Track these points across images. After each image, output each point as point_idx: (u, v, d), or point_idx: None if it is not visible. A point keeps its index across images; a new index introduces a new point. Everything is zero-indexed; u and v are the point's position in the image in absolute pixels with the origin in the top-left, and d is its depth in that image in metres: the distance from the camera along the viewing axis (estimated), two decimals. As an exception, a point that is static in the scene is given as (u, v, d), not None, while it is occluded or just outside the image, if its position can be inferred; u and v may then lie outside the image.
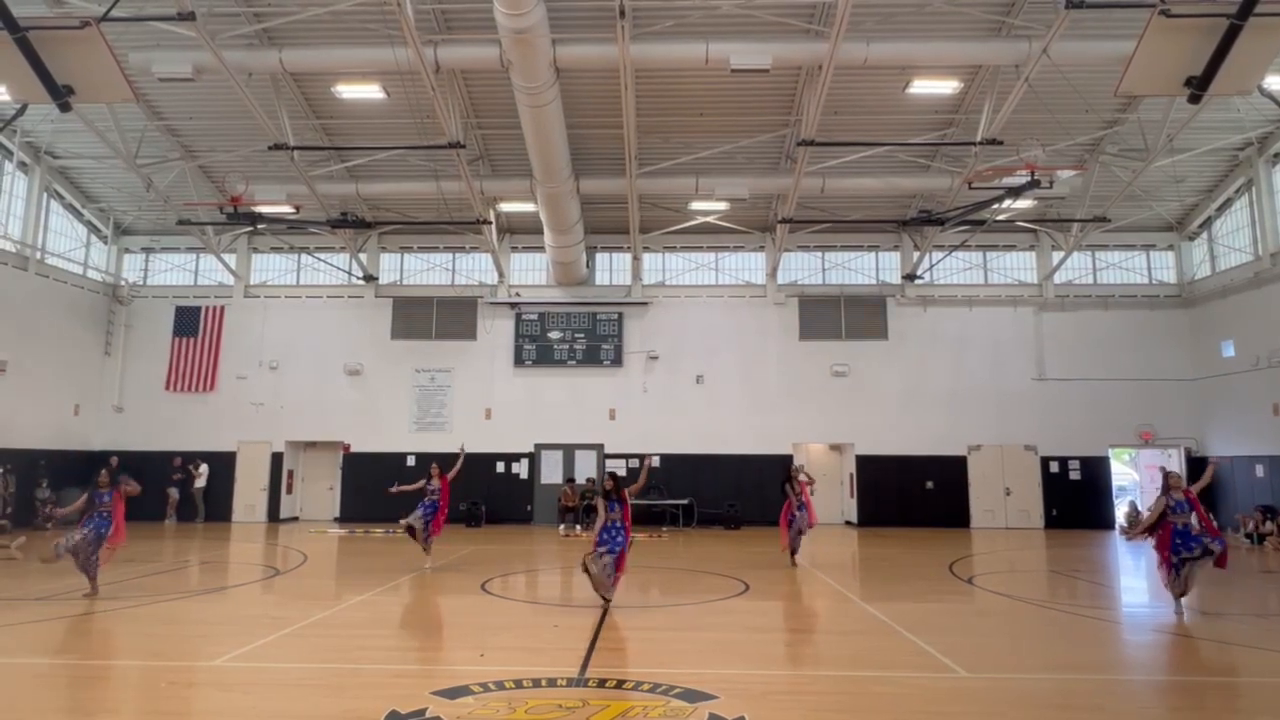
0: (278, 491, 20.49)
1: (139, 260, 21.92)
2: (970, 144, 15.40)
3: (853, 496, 20.18)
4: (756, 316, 20.76)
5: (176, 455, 20.09)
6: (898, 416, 19.98)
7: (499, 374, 20.74)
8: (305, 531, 18.24)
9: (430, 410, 20.64)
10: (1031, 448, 19.86)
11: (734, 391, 20.33)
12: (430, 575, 11.55)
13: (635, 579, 11.53)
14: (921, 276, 20.51)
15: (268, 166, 17.71)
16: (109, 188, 19.94)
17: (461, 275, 21.63)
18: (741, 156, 17.73)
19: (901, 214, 19.46)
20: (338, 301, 21.32)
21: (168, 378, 20.87)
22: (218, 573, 12.44)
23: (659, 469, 20.03)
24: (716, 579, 11.37)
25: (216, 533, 17.86)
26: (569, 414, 20.37)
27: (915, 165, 17.90)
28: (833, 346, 20.49)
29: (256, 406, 20.68)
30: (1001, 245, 21.04)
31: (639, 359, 20.59)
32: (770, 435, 19.94)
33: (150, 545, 15.16)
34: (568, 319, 20.80)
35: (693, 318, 20.78)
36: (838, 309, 20.71)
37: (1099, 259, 20.98)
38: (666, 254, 21.50)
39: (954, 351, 20.31)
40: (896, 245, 21.12)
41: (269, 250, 21.79)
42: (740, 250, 21.44)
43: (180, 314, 21.12)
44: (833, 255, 21.35)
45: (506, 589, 10.71)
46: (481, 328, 20.89)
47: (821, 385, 20.30)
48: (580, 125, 16.47)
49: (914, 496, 19.62)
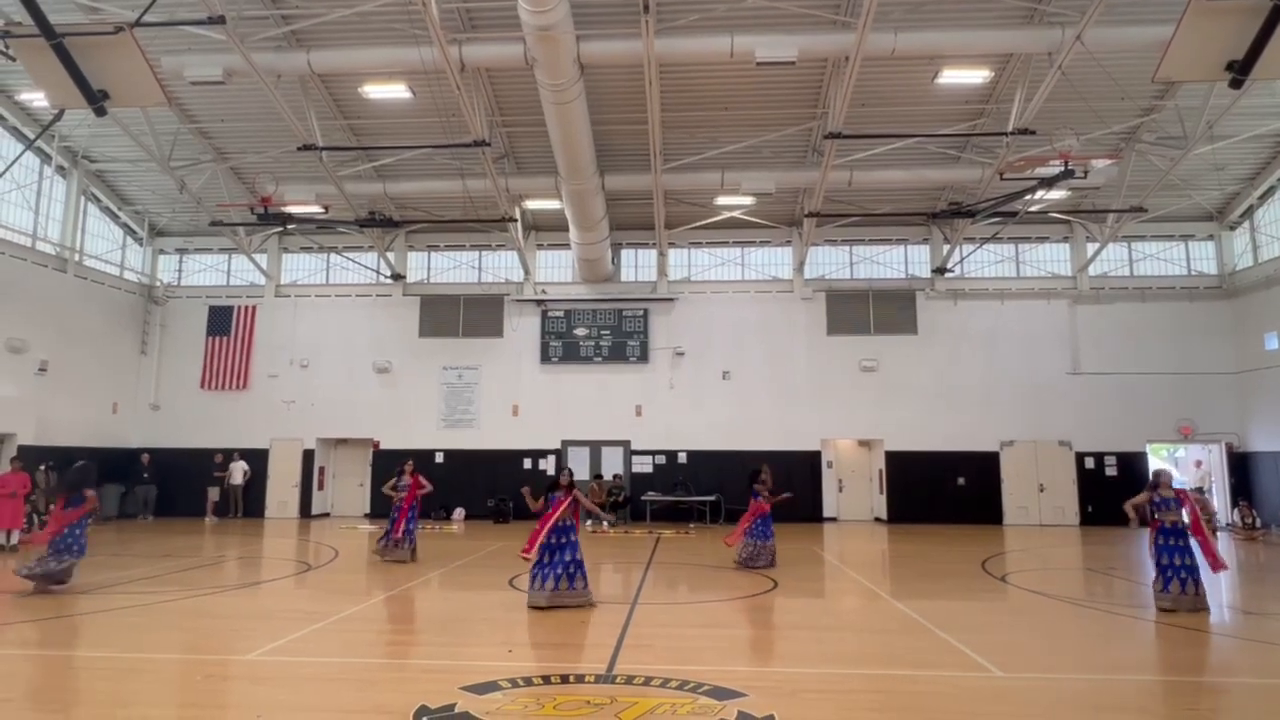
0: (309, 488, 20.77)
1: (173, 261, 22.32)
2: (1002, 134, 15.16)
3: (882, 493, 20.00)
4: (783, 312, 20.64)
5: (218, 452, 20.42)
6: (928, 412, 19.76)
7: (526, 371, 20.83)
8: (336, 528, 18.48)
9: (458, 407, 20.79)
10: (1066, 443, 19.54)
11: (761, 387, 20.24)
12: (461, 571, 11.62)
13: (663, 576, 11.53)
14: (952, 270, 20.26)
15: (297, 167, 17.93)
16: (144, 190, 20.32)
17: (488, 273, 21.74)
18: (767, 150, 17.61)
19: (931, 206, 19.23)
20: (366, 300, 21.54)
21: (202, 376, 21.24)
22: (252, 568, 12.65)
23: (685, 466, 20.02)
24: (744, 576, 11.33)
25: (250, 529, 18.15)
26: (595, 410, 20.40)
27: (945, 157, 17.66)
28: (861, 341, 20.31)
29: (288, 404, 20.98)
30: (1034, 237, 20.71)
31: (665, 355, 20.57)
32: (798, 431, 19.82)
33: (187, 541, 15.46)
34: (594, 316, 20.83)
35: (719, 313, 20.71)
36: (866, 303, 20.53)
37: (1136, 250, 20.56)
38: (692, 250, 21.43)
39: (986, 346, 20.04)
40: (926, 238, 20.88)
41: (299, 250, 22.07)
42: (767, 245, 21.30)
43: (213, 313, 21.48)
44: (861, 249, 21.16)
45: (534, 585, 10.75)
46: (508, 325, 20.99)
47: (850, 380, 20.14)
48: (605, 121, 16.47)
49: (945, 493, 19.41)
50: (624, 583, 10.89)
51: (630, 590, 10.02)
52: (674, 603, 9.50)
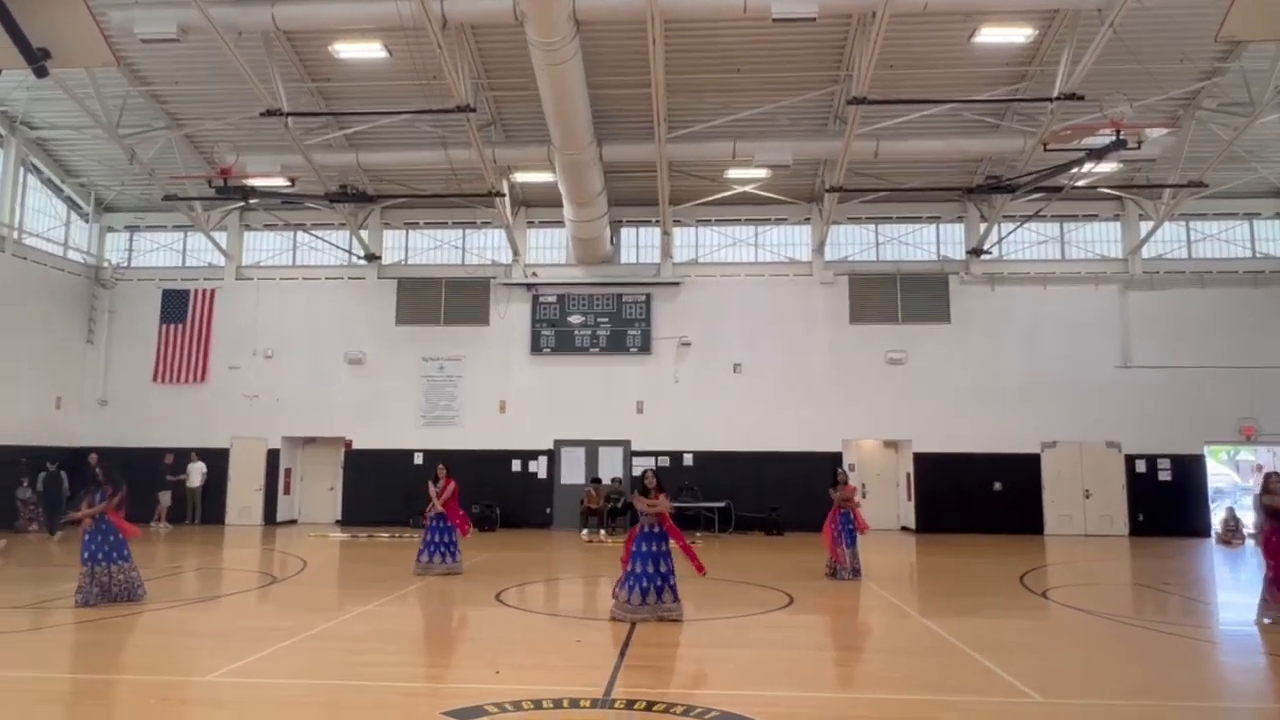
0: (274, 492, 20.84)
1: (122, 240, 22.34)
2: (1046, 100, 15.11)
3: (910, 499, 20.03)
4: (801, 297, 20.62)
5: (168, 452, 20.44)
6: (961, 409, 19.77)
7: (515, 363, 20.85)
8: (304, 535, 18.53)
9: (439, 403, 20.82)
10: (1115, 444, 19.55)
11: (776, 382, 20.25)
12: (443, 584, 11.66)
13: (666, 590, 11.56)
14: (989, 251, 20.23)
15: (260, 135, 17.89)
16: (90, 160, 20.31)
17: (472, 254, 21.73)
18: (784, 118, 17.56)
19: (967, 181, 19.19)
20: (337, 284, 21.55)
21: (155, 368, 21.28)
22: (211, 580, 12.69)
23: (692, 468, 20.04)
24: (757, 590, 11.36)
25: (209, 536, 18.21)
26: (592, 407, 20.43)
27: (982, 125, 17.60)
28: (888, 331, 20.30)
29: (250, 399, 21.02)
30: (1081, 215, 20.66)
31: (670, 346, 20.57)
32: (817, 430, 19.84)
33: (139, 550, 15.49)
34: (590, 302, 20.83)
35: (730, 299, 20.70)
36: (893, 289, 20.50)
37: (1194, 229, 20.51)
38: (700, 228, 21.40)
39: (1026, 336, 20.02)
40: (961, 216, 20.83)
41: (262, 228, 22.06)
42: (783, 223, 21.27)
43: (167, 298, 21.50)
44: (888, 228, 21.11)
45: (524, 600, 10.79)
46: (495, 312, 21.00)
47: (875, 374, 20.14)
48: (603, 85, 16.42)
49: (980, 499, 19.42)
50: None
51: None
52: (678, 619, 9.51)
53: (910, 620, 9.57)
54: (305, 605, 10.29)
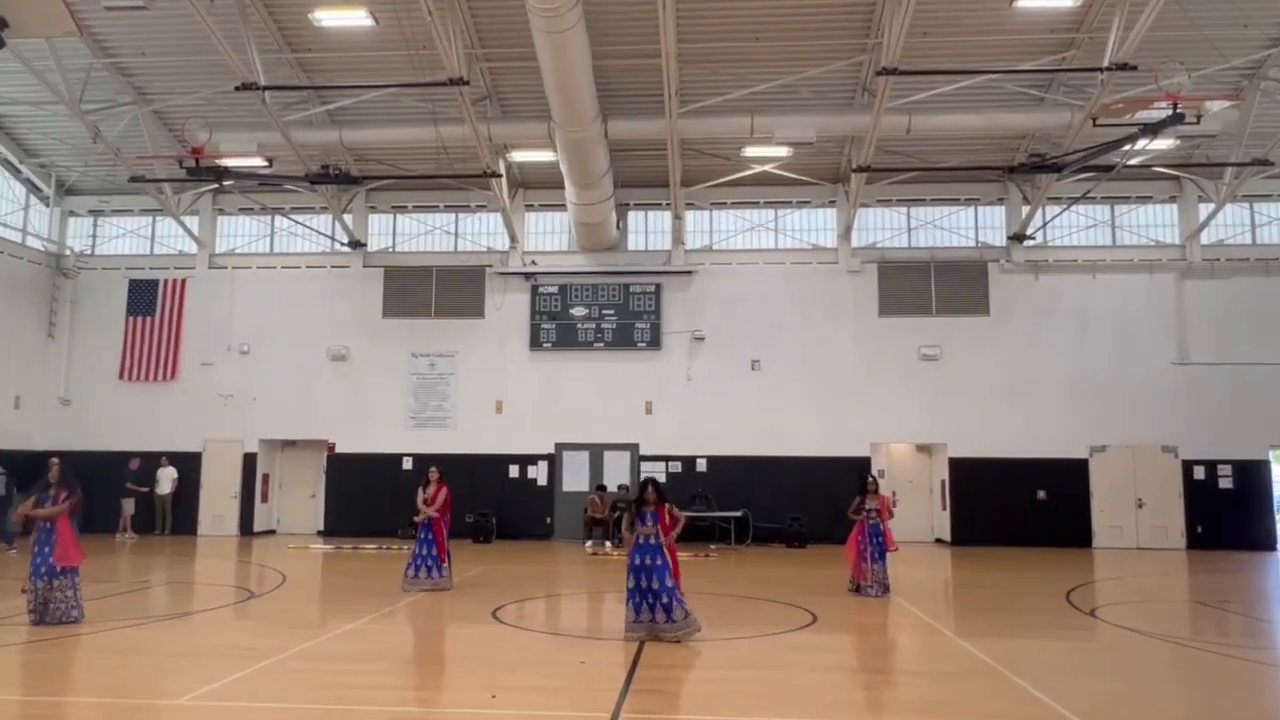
0: (251, 499, 20.93)
1: (86, 225, 22.44)
2: (1095, 70, 15.02)
3: (945, 509, 19.98)
4: (826, 287, 20.58)
5: (134, 456, 20.52)
6: (1001, 410, 19.70)
7: (512, 359, 20.87)
8: (283, 547, 18.58)
9: (430, 403, 20.86)
10: (1170, 449, 19.47)
11: (798, 380, 20.22)
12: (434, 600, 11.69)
13: (678, 607, 11.56)
14: (1033, 236, 20.16)
15: (235, 111, 17.94)
16: (50, 139, 20.37)
17: (466, 240, 21.75)
18: (807, 90, 17.51)
19: (1008, 159, 19.12)
20: (319, 273, 21.60)
21: (121, 364, 21.37)
22: (182, 595, 12.74)
23: (705, 475, 20.03)
24: (777, 608, 11.35)
25: (180, 548, 18.29)
26: (597, 407, 20.44)
27: (1025, 98, 17.52)
28: (920, 324, 20.25)
29: (225, 399, 21.10)
30: (1134, 196, 20.55)
31: (681, 340, 20.56)
32: (843, 433, 19.81)
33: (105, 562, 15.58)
34: (595, 292, 20.83)
35: (747, 289, 20.67)
36: (927, 277, 20.45)
37: (1259, 212, 20.39)
38: (715, 212, 21.36)
39: (1073, 329, 19.95)
40: (1002, 198, 20.76)
41: (237, 212, 22.11)
42: (806, 206, 21.23)
43: (135, 288, 21.59)
44: (921, 211, 21.04)
45: (522, 617, 10.81)
46: (490, 303, 21.02)
47: (906, 372, 20.09)
48: (609, 55, 16.39)
49: (1021, 509, 19.36)
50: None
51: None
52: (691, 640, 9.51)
53: (944, 640, 9.54)
54: (284, 623, 10.32)
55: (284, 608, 11.50)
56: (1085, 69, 15.59)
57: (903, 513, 19.18)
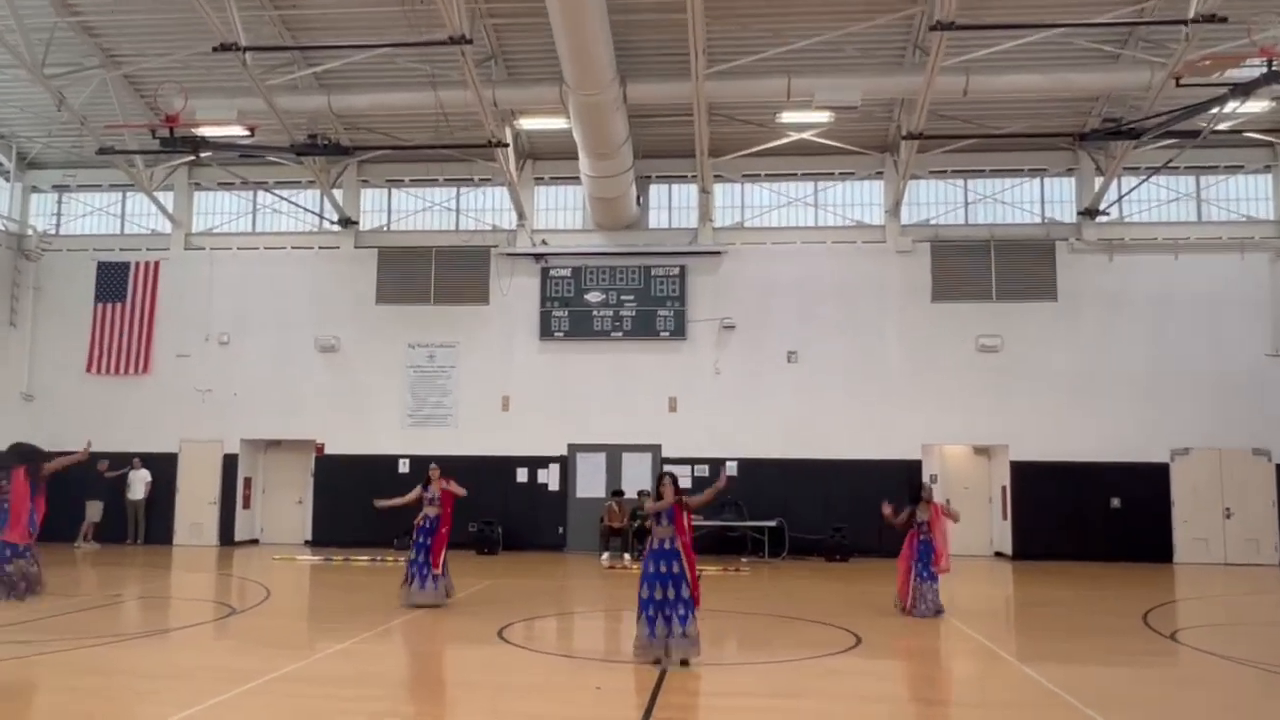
0: (231, 505, 21.14)
1: (50, 202, 22.67)
2: (1179, 23, 14.84)
3: (1005, 518, 19.90)
4: (872, 269, 20.51)
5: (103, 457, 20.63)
6: (1070, 408, 19.59)
7: (520, 350, 20.93)
8: (267, 558, 18.75)
9: (429, 399, 20.97)
10: (1263, 452, 19.32)
11: (840, 374, 20.17)
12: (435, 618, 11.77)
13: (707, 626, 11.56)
14: (1106, 212, 19.99)
15: (213, 75, 18.04)
16: (9, 106, 20.55)
17: (469, 218, 21.81)
18: (851, 48, 17.42)
19: (1079, 125, 18.95)
20: (306, 254, 21.74)
21: (89, 355, 21.60)
22: (157, 611, 12.88)
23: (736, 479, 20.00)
24: (816, 629, 11.35)
25: (154, 559, 18.50)
26: (614, 404, 20.48)
27: (1099, 55, 17.37)
28: (979, 311, 20.16)
29: (203, 394, 21.28)
30: (1223, 166, 20.34)
31: (709, 329, 20.55)
32: (890, 434, 19.75)
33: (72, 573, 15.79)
34: (612, 275, 20.85)
35: (783, 272, 20.63)
36: (986, 258, 20.34)
37: (1366, 184, 20.17)
38: (747, 185, 21.32)
39: (1152, 316, 19.80)
40: (1071, 168, 20.61)
41: (216, 187, 22.29)
42: (850, 178, 21.15)
43: (104, 272, 21.80)
44: (980, 183, 20.92)
45: (532, 638, 10.86)
46: (496, 288, 21.08)
47: (963, 364, 20.00)
48: (628, 8, 16.37)
49: (1092, 519, 19.27)
50: (652, 636, 10.92)
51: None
52: (720, 663, 9.52)
53: (1005, 666, 9.51)
54: (269, 642, 10.42)
55: (268, 625, 11.60)
56: (1167, 21, 15.39)
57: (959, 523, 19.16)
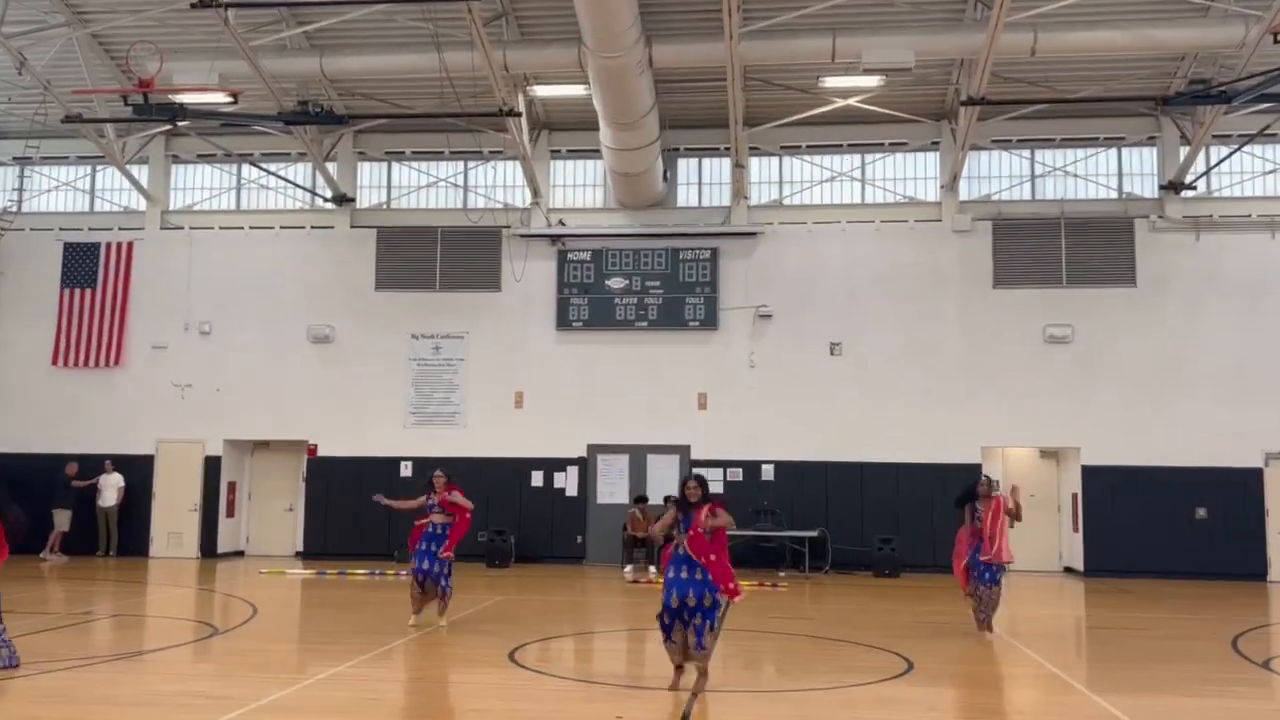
0: (214, 513, 21.29)
1: (10, 176, 22.83)
2: (1276, -28, 14.69)
3: (1076, 530, 19.81)
4: (926, 251, 20.43)
5: (71, 460, 20.95)
6: (1150, 407, 19.47)
7: (535, 342, 20.98)
8: (254, 572, 18.89)
9: (434, 395, 21.05)
10: (1370, 456, 19.17)
11: (890, 367, 20.11)
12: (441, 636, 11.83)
13: (740, 648, 11.57)
14: (1193, 186, 19.84)
15: (191, 34, 18.12)
16: (-32, 71, 20.78)
17: (478, 195, 21.87)
18: (904, 2, 17.38)
19: (1162, 87, 18.79)
20: (297, 235, 21.83)
21: (55, 347, 21.73)
22: (131, 631, 12.99)
23: (772, 484, 20.00)
24: (863, 652, 11.33)
25: (128, 572, 18.67)
26: (638, 401, 20.50)
27: (1186, 7, 17.22)
28: (1047, 298, 20.06)
29: (182, 390, 21.41)
30: (1326, 133, 20.15)
31: (743, 318, 20.53)
32: (946, 435, 19.68)
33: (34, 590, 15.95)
34: (636, 259, 20.85)
35: (826, 255, 20.58)
36: (1056, 238, 20.21)
37: None
38: (786, 158, 21.26)
39: (1245, 303, 19.66)
40: (1153, 136, 20.46)
41: (195, 159, 22.42)
42: (901, 150, 21.08)
43: (71, 254, 21.95)
44: (1049, 154, 20.82)
45: (546, 660, 10.89)
46: (509, 272, 21.11)
47: (1028, 358, 19.91)
48: (653, -40, 16.39)
49: (1175, 531, 19.15)
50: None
51: (688, 669, 10.05)
52: (755, 690, 9.54)
53: (1075, 696, 9.44)
54: (255, 665, 10.47)
55: (255, 647, 11.66)
56: (1263, -30, 15.25)
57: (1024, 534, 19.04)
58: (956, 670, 10.78)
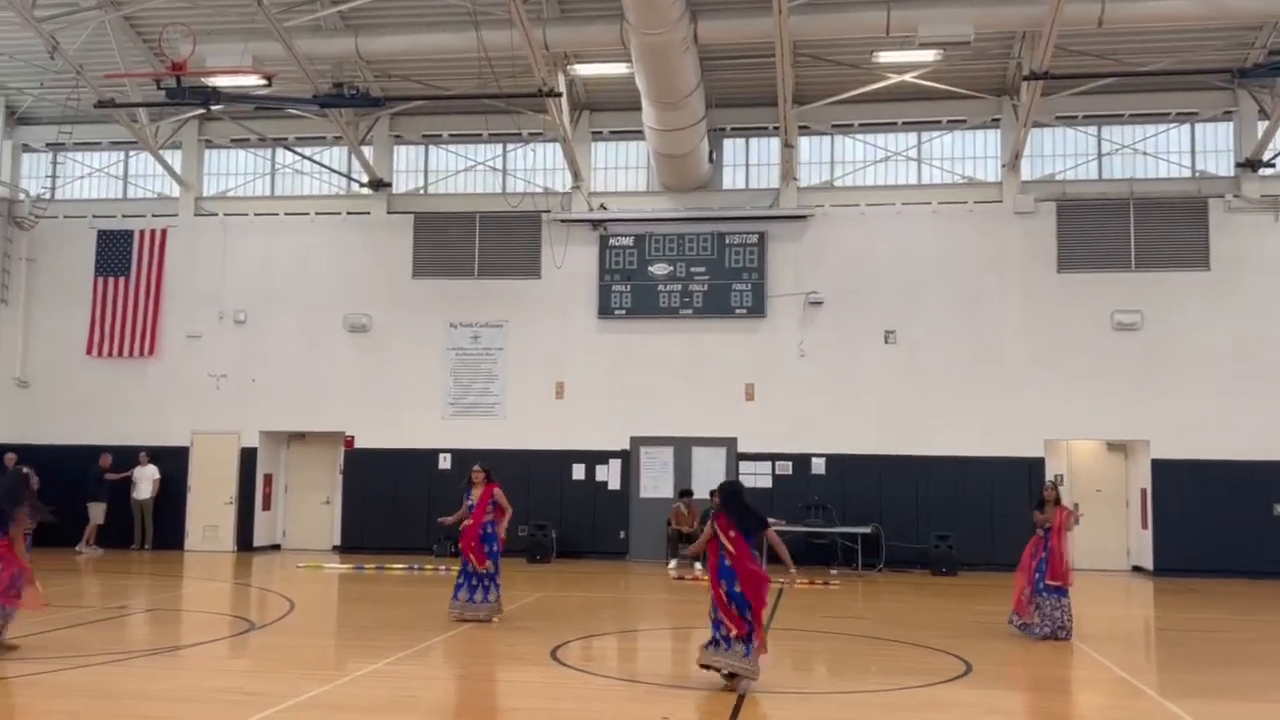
0: (250, 506, 21.56)
1: (43, 162, 23.17)
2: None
3: (1145, 527, 19.60)
4: (986, 234, 20.26)
5: (105, 451, 21.27)
6: (1224, 398, 19.21)
7: (576, 330, 21.03)
8: (291, 566, 19.12)
9: (473, 386, 21.15)
10: None
11: (947, 356, 19.98)
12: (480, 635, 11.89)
13: (790, 648, 11.54)
14: (1273, 163, 19.53)
15: (224, 15, 18.32)
16: (-1, 55, 21.09)
17: (517, 179, 21.92)
18: (962, -28, 17.20)
19: (1238, 59, 18.57)
20: (332, 220, 22.01)
21: (89, 337, 22.07)
22: (168, 626, 13.19)
23: (823, 479, 19.92)
24: (918, 653, 11.27)
25: (164, 566, 18.96)
26: (683, 392, 20.49)
27: (1261, -25, 16.91)
28: (1115, 281, 19.85)
29: (217, 380, 21.68)
30: None
31: (793, 305, 20.46)
32: (1008, 428, 19.54)
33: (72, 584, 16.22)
34: (680, 244, 20.82)
35: (880, 238, 20.47)
36: (1124, 220, 19.98)
37: None
38: (837, 137, 21.15)
39: (1326, 288, 19.34)
40: (1229, 111, 20.17)
41: (229, 144, 22.66)
42: (959, 128, 20.91)
43: (105, 241, 22.25)
44: (1116, 131, 20.59)
45: (590, 659, 10.92)
46: (549, 259, 21.16)
47: (1095, 346, 19.71)
48: (699, -68, 16.33)
49: (1251, 528, 18.91)
50: (728, 660, 10.92)
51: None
52: (805, 692, 9.52)
53: (1143, 701, 9.36)
54: (292, 662, 10.59)
55: (292, 643, 11.80)
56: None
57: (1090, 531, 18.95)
58: (1017, 673, 10.71)
